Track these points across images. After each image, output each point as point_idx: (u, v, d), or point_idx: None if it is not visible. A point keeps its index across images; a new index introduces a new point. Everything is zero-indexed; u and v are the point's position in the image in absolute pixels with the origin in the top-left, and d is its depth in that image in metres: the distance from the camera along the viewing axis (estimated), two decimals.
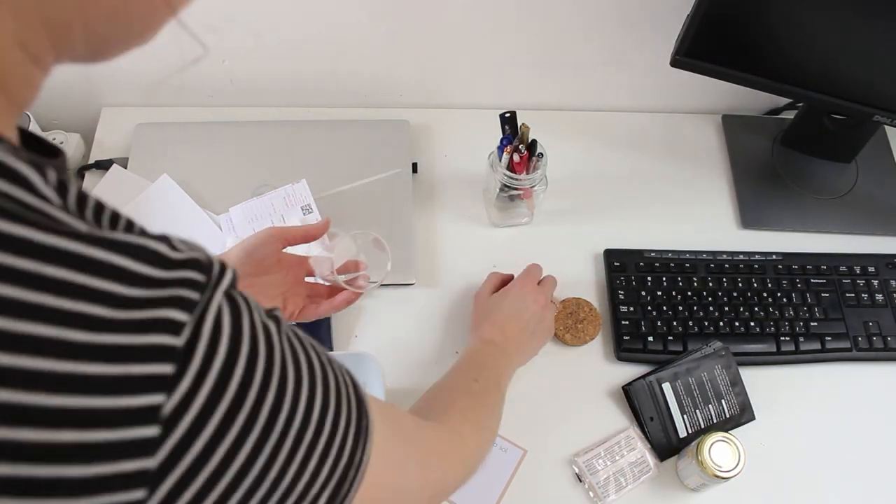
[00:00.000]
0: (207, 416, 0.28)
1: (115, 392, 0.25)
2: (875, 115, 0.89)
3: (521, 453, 0.81)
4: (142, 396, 0.26)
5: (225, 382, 0.29)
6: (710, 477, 0.73)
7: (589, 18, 0.96)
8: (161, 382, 0.27)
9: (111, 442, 0.25)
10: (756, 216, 0.99)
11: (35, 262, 0.25)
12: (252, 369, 0.30)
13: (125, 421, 0.26)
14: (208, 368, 0.28)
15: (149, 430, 0.26)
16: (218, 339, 0.29)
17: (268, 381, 0.31)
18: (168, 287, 0.28)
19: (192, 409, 0.28)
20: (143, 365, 0.26)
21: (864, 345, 0.89)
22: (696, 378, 0.84)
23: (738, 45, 0.87)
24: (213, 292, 0.30)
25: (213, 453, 0.28)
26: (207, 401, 0.28)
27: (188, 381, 0.27)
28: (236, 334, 0.30)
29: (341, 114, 1.05)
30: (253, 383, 0.30)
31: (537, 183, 0.89)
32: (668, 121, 1.08)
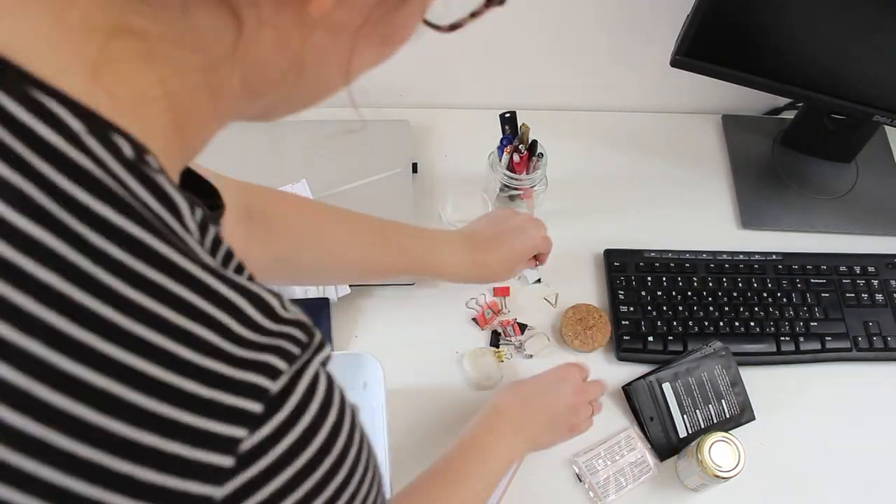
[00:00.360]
0: (283, 465, 0.29)
1: (206, 414, 0.26)
2: (875, 115, 0.89)
3: None
4: (227, 426, 0.27)
5: (307, 439, 0.30)
6: (710, 477, 0.73)
7: (589, 18, 0.96)
8: (248, 418, 0.27)
9: (187, 458, 0.26)
10: (756, 216, 0.99)
11: (168, 280, 0.26)
12: (335, 437, 0.31)
13: (205, 443, 0.26)
14: (296, 420, 0.29)
15: (224, 460, 0.27)
16: (311, 396, 0.30)
17: (344, 454, 0.32)
18: (275, 338, 0.29)
19: (270, 453, 0.28)
20: (237, 398, 0.27)
21: (864, 345, 0.89)
22: (696, 378, 0.84)
23: (738, 45, 0.87)
24: (313, 354, 0.31)
25: (279, 501, 0.29)
26: (287, 451, 0.29)
27: (273, 426, 0.28)
28: (327, 399, 0.31)
29: (341, 114, 1.05)
30: (332, 451, 0.31)
31: (537, 183, 0.89)
32: (668, 121, 1.08)
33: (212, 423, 0.27)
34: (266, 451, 0.28)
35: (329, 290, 0.88)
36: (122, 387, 0.25)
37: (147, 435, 0.25)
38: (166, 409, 0.26)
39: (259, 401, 0.28)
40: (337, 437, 0.32)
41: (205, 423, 0.26)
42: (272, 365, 0.28)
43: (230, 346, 0.27)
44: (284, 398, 0.29)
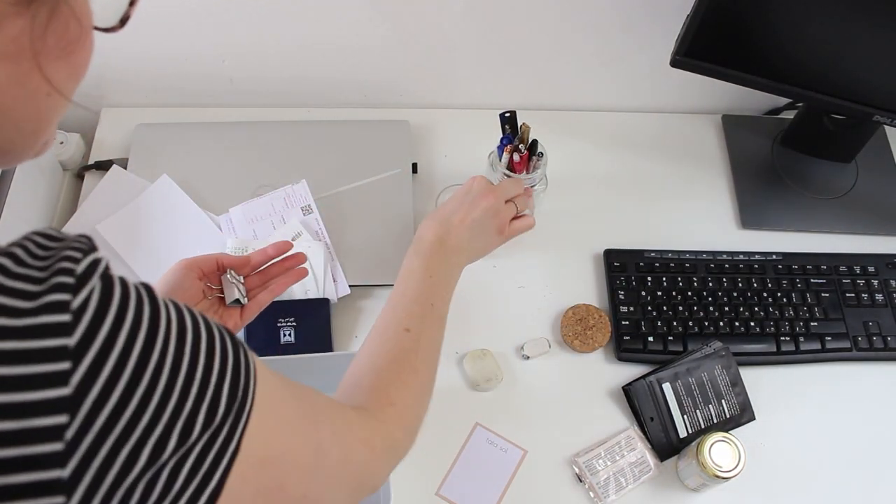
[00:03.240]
0: (109, 352, 0.33)
1: (31, 337, 0.31)
2: (875, 115, 0.89)
3: (521, 453, 0.81)
4: (52, 340, 0.32)
5: (119, 327, 0.34)
6: (711, 477, 0.73)
7: (589, 19, 0.96)
8: (62, 328, 0.32)
9: (34, 350, 0.31)
10: (756, 216, 0.99)
11: None
12: (148, 317, 0.36)
13: (44, 357, 0.31)
14: (103, 317, 0.34)
15: (61, 365, 0.31)
16: (109, 293, 0.35)
17: (171, 329, 0.37)
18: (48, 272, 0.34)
19: (93, 346, 0.32)
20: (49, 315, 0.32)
21: (864, 345, 0.89)
22: (696, 378, 0.84)
23: (738, 45, 0.87)
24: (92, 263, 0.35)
25: (121, 373, 0.33)
26: (107, 339, 0.33)
27: (84, 326, 0.33)
28: (124, 291, 0.36)
29: (341, 114, 1.05)
30: (157, 330, 0.36)
31: (537, 183, 0.89)
32: (668, 121, 1.08)
33: (40, 342, 0.31)
34: (90, 343, 0.32)
35: (329, 291, 0.88)
36: None
37: None
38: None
39: (65, 311, 0.32)
40: (154, 317, 0.36)
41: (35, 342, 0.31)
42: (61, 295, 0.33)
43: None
44: (83, 306, 0.33)
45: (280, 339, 0.84)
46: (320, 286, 0.88)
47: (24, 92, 0.37)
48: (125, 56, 0.95)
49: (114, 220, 0.91)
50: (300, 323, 0.85)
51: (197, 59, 0.99)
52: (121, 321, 0.34)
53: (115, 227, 0.91)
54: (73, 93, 0.39)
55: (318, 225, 0.92)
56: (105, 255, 0.36)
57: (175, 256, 0.90)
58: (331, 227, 0.92)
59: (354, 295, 0.89)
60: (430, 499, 0.79)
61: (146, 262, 0.89)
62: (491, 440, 0.82)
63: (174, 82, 1.02)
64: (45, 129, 0.40)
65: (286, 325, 0.85)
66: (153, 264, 0.89)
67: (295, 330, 0.85)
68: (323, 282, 0.88)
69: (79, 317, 0.32)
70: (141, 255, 0.89)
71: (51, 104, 0.38)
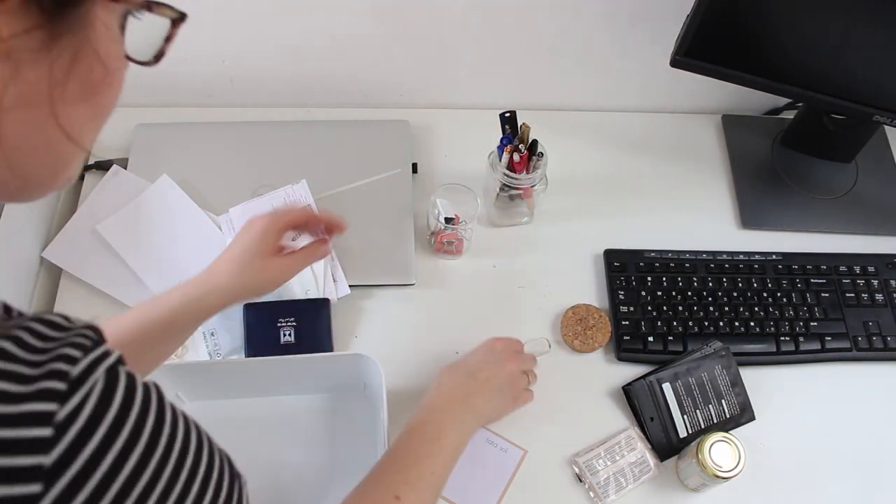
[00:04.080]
0: (92, 469, 0.30)
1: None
2: (875, 115, 0.89)
3: (521, 453, 0.81)
4: (23, 457, 0.29)
5: (110, 441, 0.31)
6: (711, 477, 0.73)
7: (589, 19, 0.96)
8: (40, 443, 0.29)
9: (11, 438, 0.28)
10: (756, 216, 0.99)
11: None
12: (143, 429, 0.33)
13: (11, 478, 0.28)
14: (94, 425, 0.31)
15: (32, 488, 0.28)
16: (108, 398, 0.32)
17: (167, 449, 0.34)
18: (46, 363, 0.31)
19: (73, 465, 0.30)
20: (22, 429, 0.29)
21: (864, 345, 0.89)
22: (696, 378, 0.84)
23: (738, 45, 0.87)
24: (98, 359, 0.32)
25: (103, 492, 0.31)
26: (91, 457, 0.30)
27: (70, 437, 0.30)
28: (128, 395, 0.33)
29: (341, 114, 1.05)
30: (140, 443, 0.33)
31: (537, 182, 0.89)
32: (668, 121, 1.08)
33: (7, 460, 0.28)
34: (68, 465, 0.29)
35: (329, 291, 0.88)
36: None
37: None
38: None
39: (47, 425, 0.29)
40: (147, 429, 0.33)
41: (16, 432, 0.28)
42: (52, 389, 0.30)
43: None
44: (76, 414, 0.30)
45: (280, 339, 0.84)
46: (320, 286, 0.88)
47: (43, 138, 0.35)
48: None
49: (114, 220, 0.91)
50: (300, 323, 0.85)
51: (197, 59, 0.99)
52: (112, 438, 0.30)
53: (115, 227, 0.91)
54: (94, 138, 0.38)
55: None
56: (114, 350, 0.33)
57: (175, 257, 0.91)
58: None
59: (354, 295, 0.89)
60: None
61: (146, 263, 0.89)
62: (491, 440, 0.82)
63: (174, 82, 1.02)
64: (63, 173, 0.38)
65: (286, 325, 0.85)
66: (153, 264, 0.89)
67: (295, 330, 0.85)
68: (323, 282, 0.88)
69: (63, 431, 0.29)
70: (141, 256, 0.89)
71: (70, 150, 0.37)
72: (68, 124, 0.35)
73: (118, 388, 0.32)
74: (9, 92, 0.32)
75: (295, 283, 0.86)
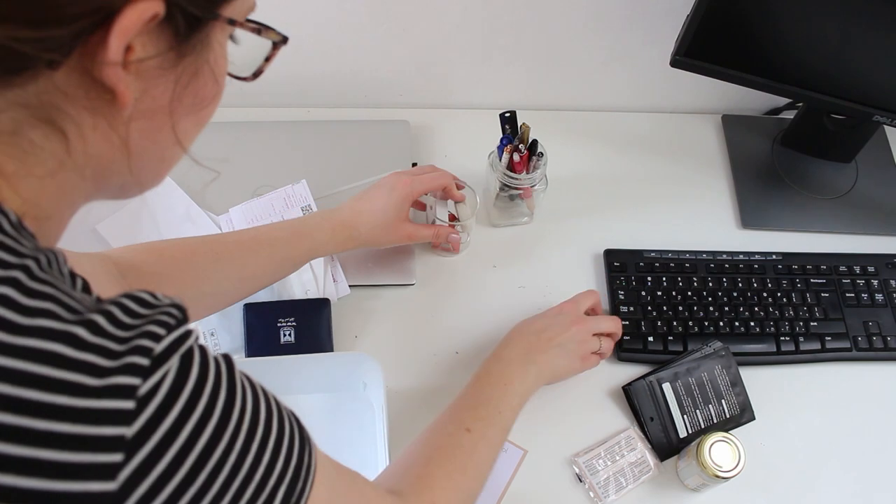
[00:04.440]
0: (170, 443, 0.32)
1: (85, 420, 0.30)
2: (875, 115, 0.89)
3: (521, 453, 0.81)
4: (105, 427, 0.30)
5: (189, 411, 0.33)
6: (710, 477, 0.73)
7: (588, 18, 0.96)
8: (123, 415, 0.31)
9: (76, 463, 0.29)
10: (756, 216, 0.99)
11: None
12: (218, 399, 0.35)
13: (96, 447, 0.30)
14: (173, 400, 0.33)
15: (112, 457, 0.30)
16: (185, 373, 0.33)
17: (240, 415, 0.36)
18: (131, 341, 0.33)
19: (152, 438, 0.31)
20: (107, 400, 0.31)
21: (863, 345, 0.89)
22: (696, 378, 0.84)
23: (738, 45, 0.87)
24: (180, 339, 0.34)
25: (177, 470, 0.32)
26: (170, 428, 0.32)
27: (148, 414, 0.31)
28: (203, 370, 0.35)
29: (341, 114, 1.05)
30: (216, 412, 0.34)
31: (537, 182, 0.89)
32: (668, 121, 1.08)
33: (90, 428, 0.29)
34: (148, 437, 0.31)
35: (329, 291, 0.88)
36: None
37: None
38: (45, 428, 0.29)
39: (130, 398, 0.31)
40: (222, 399, 0.34)
41: (85, 428, 0.29)
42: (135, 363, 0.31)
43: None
44: (155, 390, 0.31)
45: (280, 339, 0.84)
46: (320, 286, 0.88)
47: (153, 146, 0.39)
48: None
49: (114, 221, 0.91)
50: (300, 323, 0.85)
51: None
52: (189, 413, 0.32)
53: (115, 227, 0.91)
54: (191, 144, 0.42)
55: None
56: (195, 327, 0.35)
57: None
58: None
59: (354, 295, 0.89)
60: None
61: None
62: None
63: None
64: (166, 174, 0.43)
65: (286, 325, 0.85)
66: None
67: (295, 330, 0.85)
68: (323, 282, 0.88)
69: (144, 404, 0.31)
70: None
71: (173, 154, 0.42)
72: (181, 132, 0.40)
73: (194, 365, 0.33)
74: (138, 106, 0.36)
75: (295, 283, 0.86)
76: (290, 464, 0.38)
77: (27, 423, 0.28)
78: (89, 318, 0.31)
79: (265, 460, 0.36)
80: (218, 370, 0.35)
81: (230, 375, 0.35)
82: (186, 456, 0.32)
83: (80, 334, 0.30)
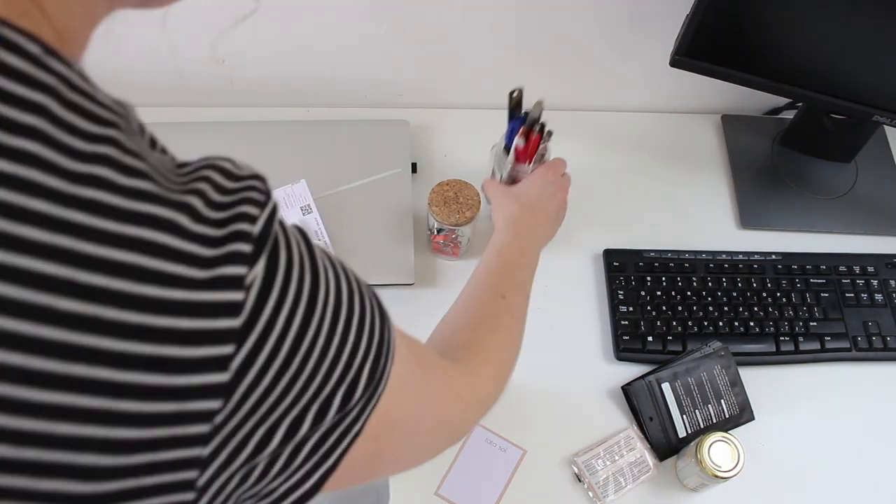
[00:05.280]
0: (279, 323, 0.32)
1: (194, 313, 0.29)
2: (875, 115, 0.89)
3: (520, 453, 0.81)
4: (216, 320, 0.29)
5: (299, 290, 0.33)
6: (710, 477, 0.73)
7: (588, 19, 0.96)
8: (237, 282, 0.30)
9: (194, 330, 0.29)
10: (756, 216, 0.99)
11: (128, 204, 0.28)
12: (321, 278, 0.35)
13: (211, 340, 0.29)
14: (285, 279, 0.32)
15: (231, 321, 0.30)
16: (286, 252, 0.33)
17: (338, 293, 0.36)
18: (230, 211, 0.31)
19: (256, 327, 0.31)
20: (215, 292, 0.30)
21: (863, 345, 0.89)
22: (695, 378, 0.84)
23: (737, 45, 0.87)
24: (270, 217, 0.32)
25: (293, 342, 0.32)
26: (276, 307, 0.31)
27: (257, 288, 0.31)
28: (294, 249, 0.34)
29: (341, 114, 1.05)
30: (322, 292, 0.35)
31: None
32: (668, 121, 1.08)
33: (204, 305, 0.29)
34: (254, 325, 0.30)
35: None
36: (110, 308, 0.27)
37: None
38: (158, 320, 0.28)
39: (239, 289, 0.30)
40: (323, 279, 0.35)
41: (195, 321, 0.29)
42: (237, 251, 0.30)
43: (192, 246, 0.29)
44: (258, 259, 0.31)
45: None
46: None
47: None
48: (125, 56, 0.95)
49: None
50: None
51: (197, 59, 0.99)
52: (284, 296, 0.32)
53: None
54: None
55: (317, 225, 0.92)
56: (274, 198, 0.34)
57: None
58: (330, 226, 0.92)
59: None
60: (429, 498, 0.79)
61: None
62: (490, 440, 0.82)
63: (174, 82, 1.02)
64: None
65: None
66: None
67: None
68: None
69: (249, 293, 0.30)
70: None
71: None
72: None
73: (283, 248, 0.33)
74: None
75: None
76: (374, 341, 0.38)
77: (148, 321, 0.27)
78: (187, 202, 0.30)
79: (350, 340, 0.36)
80: (300, 250, 0.34)
81: (311, 254, 0.35)
82: (284, 340, 0.32)
83: (182, 223, 0.29)
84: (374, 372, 0.38)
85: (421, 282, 0.92)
